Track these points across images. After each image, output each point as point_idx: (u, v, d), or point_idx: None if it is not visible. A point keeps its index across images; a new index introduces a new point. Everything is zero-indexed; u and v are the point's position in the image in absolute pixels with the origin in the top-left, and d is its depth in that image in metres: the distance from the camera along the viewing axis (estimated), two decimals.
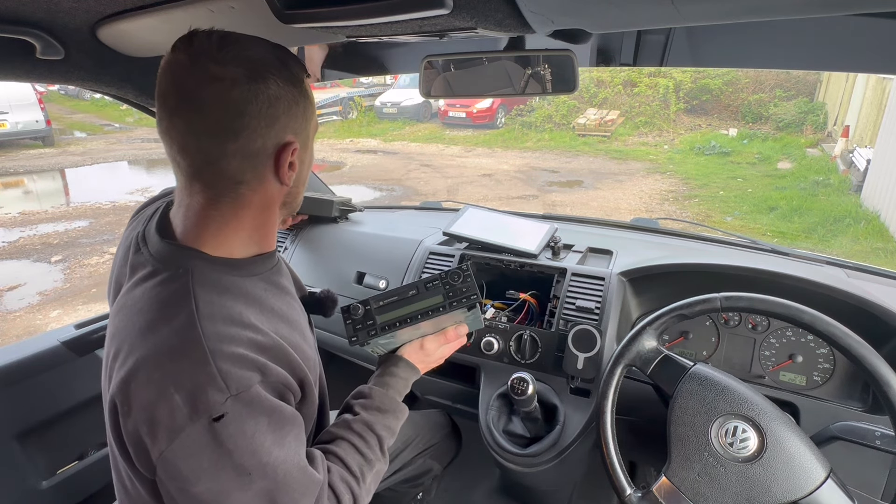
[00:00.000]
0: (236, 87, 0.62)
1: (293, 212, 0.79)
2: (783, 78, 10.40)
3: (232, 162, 0.65)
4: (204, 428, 0.57)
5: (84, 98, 15.60)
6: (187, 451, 0.57)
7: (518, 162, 8.92)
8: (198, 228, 0.68)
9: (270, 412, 0.62)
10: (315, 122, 0.74)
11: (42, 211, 6.59)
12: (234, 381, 0.59)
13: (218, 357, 0.59)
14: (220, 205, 0.67)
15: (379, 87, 13.69)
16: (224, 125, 0.62)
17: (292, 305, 0.78)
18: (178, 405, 0.57)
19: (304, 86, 0.69)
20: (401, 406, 0.84)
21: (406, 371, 0.87)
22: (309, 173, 0.77)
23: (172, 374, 0.59)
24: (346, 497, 0.70)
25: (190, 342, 0.60)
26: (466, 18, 0.63)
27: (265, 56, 0.64)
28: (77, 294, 4.34)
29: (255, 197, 0.68)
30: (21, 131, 9.63)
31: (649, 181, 7.67)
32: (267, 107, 0.63)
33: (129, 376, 0.60)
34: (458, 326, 0.92)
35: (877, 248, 5.25)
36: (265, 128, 0.64)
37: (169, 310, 0.63)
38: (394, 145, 10.44)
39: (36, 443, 1.26)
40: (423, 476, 1.27)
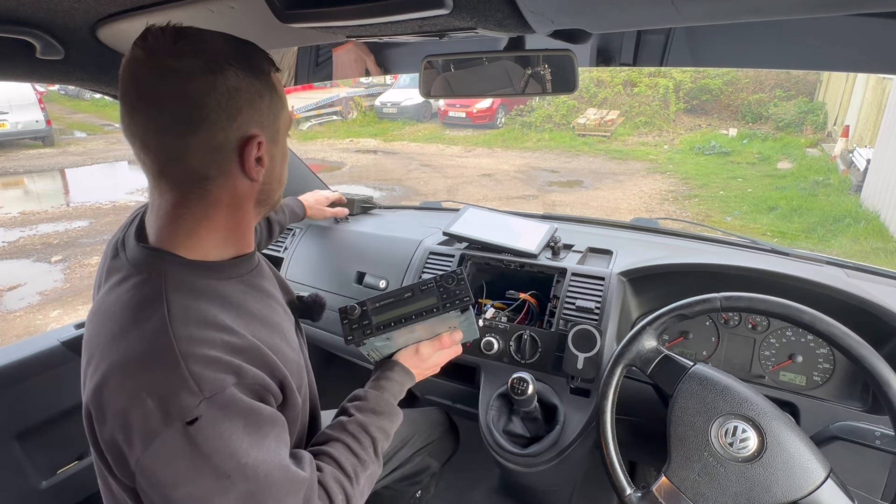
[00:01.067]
0: (193, 78, 0.60)
1: (271, 210, 0.77)
2: (783, 78, 10.40)
3: (195, 156, 0.63)
4: (178, 432, 0.56)
5: (84, 98, 15.60)
6: (164, 457, 0.57)
7: (518, 162, 8.92)
8: (170, 230, 0.67)
9: (247, 413, 0.61)
10: (286, 118, 0.72)
11: (42, 211, 6.59)
12: (206, 383, 0.58)
13: (190, 360, 0.58)
14: (188, 203, 0.66)
15: (379, 87, 13.68)
16: (183, 119, 0.61)
17: (274, 308, 0.76)
18: (150, 410, 0.56)
19: (269, 79, 0.67)
20: (395, 409, 0.84)
21: (401, 375, 0.87)
22: (285, 170, 0.75)
23: (144, 380, 0.58)
24: (339, 497, 0.69)
25: (161, 346, 0.59)
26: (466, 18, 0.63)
27: (223, 47, 0.63)
28: (77, 294, 4.34)
29: (223, 194, 0.67)
30: (21, 131, 9.62)
31: (649, 181, 7.66)
32: (227, 98, 0.62)
33: (101, 383, 0.60)
34: (452, 332, 0.92)
35: (877, 248, 5.25)
36: (226, 120, 0.63)
37: (140, 314, 0.62)
38: (394, 145, 10.44)
39: (36, 443, 1.26)
40: (421, 474, 1.28)
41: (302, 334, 0.89)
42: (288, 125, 0.73)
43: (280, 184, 0.75)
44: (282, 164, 0.74)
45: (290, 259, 1.66)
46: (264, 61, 0.67)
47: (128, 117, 0.63)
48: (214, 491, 0.58)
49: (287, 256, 1.67)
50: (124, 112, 0.63)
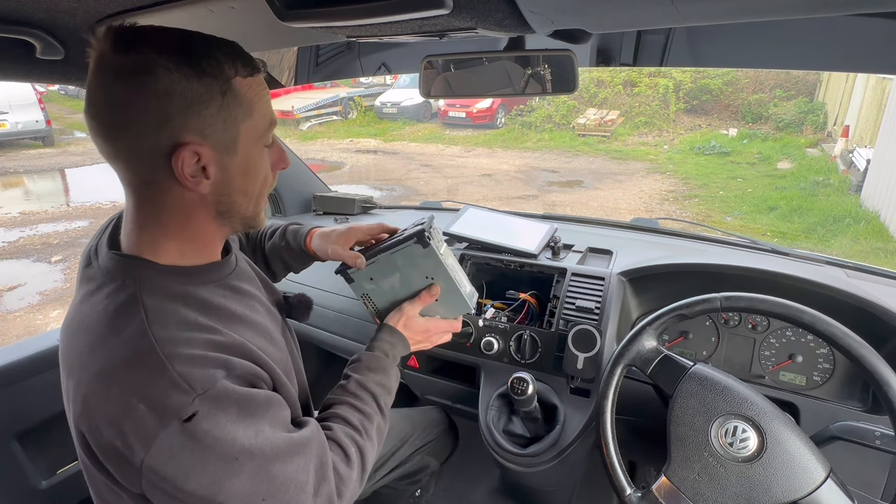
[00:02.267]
0: (121, 78, 0.57)
1: (247, 226, 0.72)
2: (783, 78, 10.40)
3: (131, 160, 0.61)
4: (177, 430, 0.56)
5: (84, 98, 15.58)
6: (167, 454, 0.56)
7: (518, 162, 8.92)
8: (136, 235, 0.66)
9: (241, 401, 0.61)
10: (254, 126, 0.65)
11: (42, 211, 6.59)
12: (197, 381, 0.58)
13: (175, 361, 0.57)
14: (143, 207, 0.64)
15: (379, 87, 13.68)
16: (112, 121, 0.59)
17: (257, 309, 0.75)
18: (143, 414, 0.56)
19: (226, 84, 0.61)
20: (388, 362, 0.86)
21: (388, 334, 0.90)
22: (252, 183, 0.69)
23: (131, 385, 0.57)
24: (353, 449, 0.72)
25: (143, 351, 0.58)
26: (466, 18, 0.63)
27: (165, 46, 0.58)
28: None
29: (168, 200, 0.64)
30: (21, 131, 9.62)
31: (649, 181, 7.66)
32: (155, 102, 0.57)
33: (87, 395, 0.59)
34: (430, 288, 0.93)
35: (877, 248, 5.25)
36: (155, 125, 0.58)
37: (117, 321, 0.60)
38: (394, 145, 10.44)
39: (36, 443, 1.26)
40: (420, 472, 1.28)
41: (291, 335, 0.89)
42: (257, 134, 0.66)
43: (246, 197, 0.69)
44: (245, 176, 0.67)
45: None
46: (224, 64, 0.61)
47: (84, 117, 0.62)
48: (224, 475, 0.58)
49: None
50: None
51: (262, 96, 0.66)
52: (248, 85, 0.63)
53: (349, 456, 0.71)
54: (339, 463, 0.70)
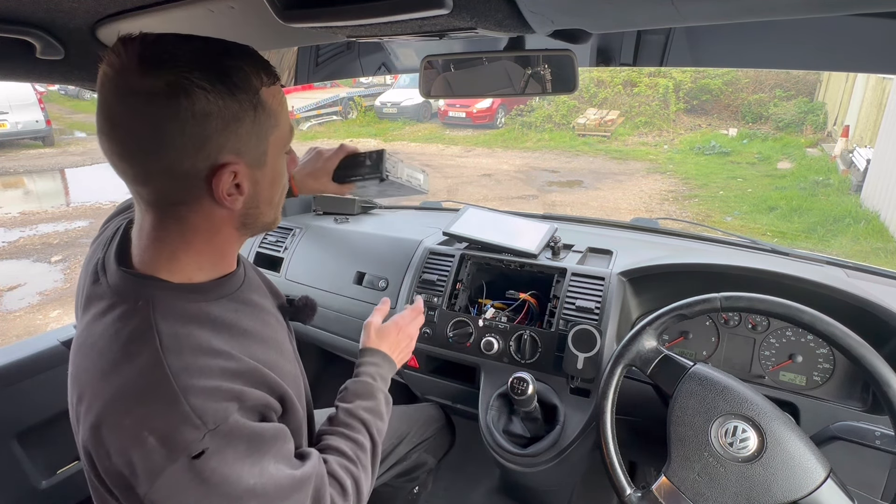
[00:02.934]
0: (153, 101, 0.54)
1: (265, 230, 0.73)
2: (783, 78, 10.40)
3: (162, 183, 0.59)
4: (184, 467, 0.55)
5: (84, 98, 15.59)
6: (171, 491, 0.55)
7: (518, 162, 8.92)
8: (151, 253, 0.64)
9: (250, 438, 0.60)
10: (281, 135, 0.65)
11: (42, 211, 6.59)
12: (209, 415, 0.57)
13: (190, 394, 0.56)
14: (166, 227, 0.63)
15: (379, 87, 13.68)
16: (141, 145, 0.56)
17: (267, 322, 0.75)
18: (153, 448, 0.55)
19: (253, 97, 0.59)
20: (376, 387, 0.86)
21: (369, 356, 0.91)
22: (276, 192, 0.69)
23: (143, 418, 0.56)
24: (348, 481, 0.72)
25: (157, 382, 0.57)
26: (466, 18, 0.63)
27: (196, 63, 0.56)
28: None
29: (198, 219, 0.63)
30: (21, 131, 9.63)
31: (649, 181, 7.66)
32: (193, 125, 0.55)
33: (98, 422, 0.58)
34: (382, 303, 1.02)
35: (877, 248, 5.25)
36: (193, 149, 0.57)
37: (131, 347, 0.59)
38: (394, 145, 10.43)
39: (36, 443, 1.26)
40: (417, 470, 1.28)
41: (293, 339, 0.89)
42: (282, 143, 0.67)
43: (269, 205, 0.69)
44: (272, 187, 0.68)
45: (290, 259, 1.66)
46: (252, 76, 0.59)
47: (98, 136, 0.58)
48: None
49: (287, 256, 1.67)
50: (97, 131, 0.59)
51: (283, 104, 0.65)
52: (272, 94, 0.62)
53: (345, 489, 0.71)
54: (337, 496, 0.69)
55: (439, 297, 1.35)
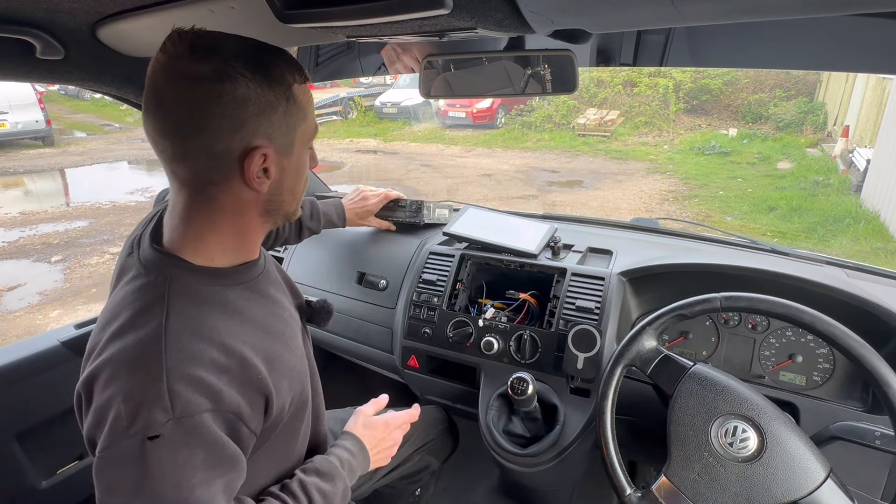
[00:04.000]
0: (199, 84, 0.60)
1: (286, 220, 0.77)
2: (783, 78, 10.40)
3: (198, 161, 0.64)
4: (137, 444, 0.57)
5: (84, 98, 15.60)
6: (115, 463, 0.57)
7: (518, 162, 8.92)
8: (181, 231, 0.68)
9: (210, 447, 0.60)
10: (306, 130, 0.71)
11: (42, 211, 6.59)
12: (180, 403, 0.58)
13: (173, 376, 0.59)
14: (196, 205, 0.67)
15: (379, 87, 13.68)
16: (185, 124, 0.62)
17: (278, 315, 0.77)
18: (120, 416, 0.57)
19: (289, 91, 0.65)
20: (339, 472, 0.84)
21: (349, 442, 0.91)
22: (299, 183, 0.74)
23: (126, 385, 0.59)
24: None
25: (150, 356, 0.60)
26: (466, 18, 0.63)
27: (240, 55, 0.62)
28: (77, 294, 4.34)
29: (227, 200, 0.67)
30: (21, 131, 9.63)
31: (649, 181, 7.66)
32: (233, 108, 0.61)
33: (93, 374, 0.61)
34: (379, 398, 1.04)
35: (877, 248, 5.25)
36: (230, 130, 0.62)
37: (140, 317, 0.62)
38: (394, 145, 10.43)
39: (36, 443, 1.26)
40: (420, 472, 1.28)
41: (308, 338, 0.91)
42: (308, 137, 0.72)
43: (293, 195, 0.74)
44: (295, 176, 0.72)
45: (290, 259, 1.66)
46: (286, 72, 0.65)
47: (144, 117, 0.64)
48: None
49: (287, 256, 1.67)
50: (143, 112, 0.64)
51: (310, 102, 0.71)
52: (302, 91, 0.68)
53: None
54: None
55: (439, 297, 1.35)
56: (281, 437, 0.76)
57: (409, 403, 1.24)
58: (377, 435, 0.95)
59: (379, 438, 0.96)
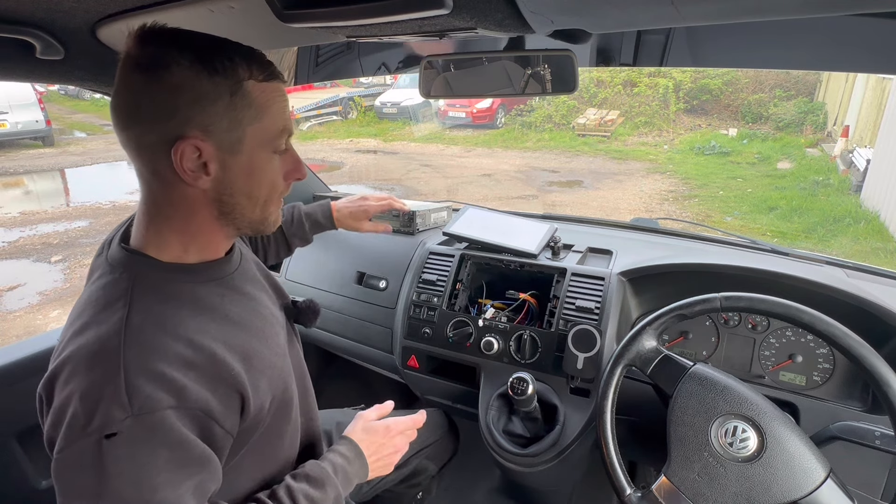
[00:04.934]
0: (137, 69, 0.59)
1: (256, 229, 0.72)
2: (783, 78, 10.40)
3: (140, 149, 0.62)
4: (94, 444, 0.54)
5: (84, 98, 15.59)
6: (71, 465, 0.55)
7: (518, 162, 8.92)
8: (143, 228, 0.67)
9: (174, 446, 0.57)
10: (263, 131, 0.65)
11: (42, 211, 6.59)
12: (139, 399, 0.55)
13: (131, 371, 0.56)
14: (151, 201, 0.66)
15: (379, 87, 13.68)
16: (124, 111, 0.61)
17: (256, 311, 0.74)
18: (78, 414, 0.55)
19: (237, 84, 0.61)
20: (330, 479, 0.79)
21: (346, 448, 0.86)
22: (255, 186, 0.68)
23: (83, 382, 0.56)
24: None
25: (108, 351, 0.58)
26: (466, 18, 0.63)
27: (185, 45, 0.59)
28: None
29: (173, 195, 0.64)
30: (21, 131, 9.63)
31: (649, 181, 7.66)
32: (165, 95, 0.59)
33: (52, 375, 0.59)
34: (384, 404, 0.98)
35: (877, 248, 5.25)
36: (162, 118, 0.60)
37: (102, 314, 0.61)
38: (394, 145, 10.44)
39: (36, 443, 1.26)
40: (420, 475, 1.27)
41: (297, 339, 0.89)
42: (265, 139, 0.66)
43: (250, 200, 0.68)
44: (248, 178, 0.66)
45: (290, 259, 1.66)
46: (239, 66, 0.62)
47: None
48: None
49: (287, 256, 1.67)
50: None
51: (276, 102, 0.66)
52: (261, 89, 0.64)
53: None
54: None
55: (439, 297, 1.35)
56: (264, 438, 0.74)
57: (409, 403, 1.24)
58: (377, 440, 0.89)
59: (379, 444, 0.90)
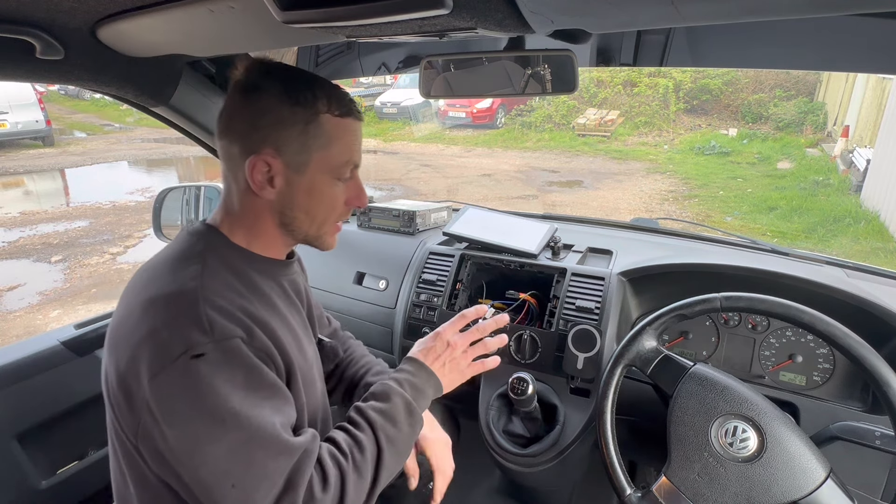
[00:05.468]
0: (236, 92, 0.72)
1: (311, 242, 0.81)
2: (783, 78, 10.40)
3: (227, 158, 0.74)
4: (184, 365, 0.61)
5: (84, 98, 15.60)
6: (166, 390, 0.61)
7: (518, 162, 8.92)
8: (220, 216, 0.77)
9: (249, 369, 0.65)
10: (327, 159, 0.74)
11: (42, 211, 6.59)
12: (218, 328, 0.64)
13: (208, 304, 0.65)
14: (227, 199, 0.77)
15: (379, 87, 13.68)
16: (220, 124, 0.74)
17: (294, 315, 0.81)
18: (163, 342, 0.62)
19: (314, 116, 0.71)
20: (394, 391, 0.80)
21: (408, 364, 0.86)
22: (314, 205, 0.76)
23: (165, 314, 0.64)
24: (333, 471, 0.68)
25: (187, 290, 0.66)
26: (466, 18, 0.63)
27: (278, 76, 0.71)
28: (77, 294, 4.34)
29: (245, 200, 0.75)
30: (21, 131, 9.63)
31: (649, 181, 7.67)
32: (252, 116, 0.70)
33: (126, 315, 0.67)
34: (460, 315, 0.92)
35: (877, 248, 5.25)
36: (246, 135, 0.71)
37: (178, 265, 0.70)
38: (394, 145, 10.43)
39: (36, 443, 1.26)
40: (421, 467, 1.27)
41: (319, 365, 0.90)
42: (329, 165, 0.75)
43: (308, 216, 0.77)
44: (308, 195, 0.75)
45: None
46: (318, 100, 0.71)
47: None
48: (207, 436, 0.61)
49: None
50: None
51: (346, 136, 0.76)
52: (335, 123, 0.74)
53: (327, 479, 0.67)
54: (316, 484, 0.66)
55: (439, 297, 1.35)
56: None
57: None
58: (435, 349, 0.87)
59: (437, 353, 0.86)
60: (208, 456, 0.61)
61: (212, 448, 0.61)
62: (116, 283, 4.56)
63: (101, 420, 0.73)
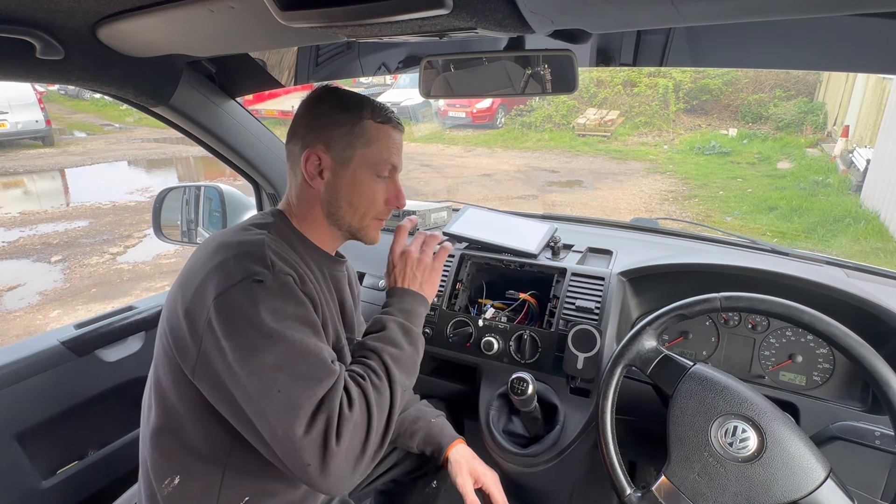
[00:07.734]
0: (303, 106, 0.89)
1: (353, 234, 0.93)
2: (783, 78, 10.40)
3: (290, 154, 0.91)
4: (246, 286, 0.72)
5: (84, 98, 15.58)
6: (227, 307, 0.72)
7: (518, 162, 8.92)
8: (286, 204, 0.92)
9: (299, 303, 0.76)
10: (368, 156, 0.88)
11: (42, 211, 6.59)
12: (277, 266, 0.77)
13: (271, 251, 0.78)
14: (290, 193, 0.92)
15: (379, 86, 13.67)
16: (290, 129, 0.90)
17: (330, 302, 0.91)
18: (231, 269, 0.74)
19: (359, 120, 0.87)
20: (385, 319, 0.88)
21: (389, 295, 0.94)
22: (356, 197, 0.89)
23: (234, 251, 0.77)
24: (356, 390, 0.76)
25: (255, 240, 0.79)
26: (466, 18, 0.63)
27: (335, 91, 0.88)
28: (77, 294, 4.34)
29: (300, 191, 0.90)
30: (21, 131, 9.62)
31: (649, 181, 7.66)
32: (311, 120, 0.87)
33: (193, 263, 0.79)
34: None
35: (877, 248, 5.25)
36: (304, 135, 0.87)
37: (247, 228, 0.84)
38: None
39: (36, 443, 1.26)
40: (426, 465, 1.27)
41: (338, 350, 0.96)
42: (370, 161, 0.88)
43: (351, 207, 0.89)
44: (351, 187, 0.88)
45: None
46: (364, 108, 0.87)
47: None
48: (260, 346, 0.70)
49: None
50: None
51: (385, 140, 0.90)
52: (376, 128, 0.89)
53: (352, 397, 0.75)
54: (344, 402, 0.74)
55: (439, 297, 1.35)
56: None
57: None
58: (398, 270, 0.95)
59: (403, 272, 0.94)
60: (260, 364, 0.69)
61: (263, 357, 0.69)
62: (116, 283, 4.56)
63: (102, 420, 0.73)
